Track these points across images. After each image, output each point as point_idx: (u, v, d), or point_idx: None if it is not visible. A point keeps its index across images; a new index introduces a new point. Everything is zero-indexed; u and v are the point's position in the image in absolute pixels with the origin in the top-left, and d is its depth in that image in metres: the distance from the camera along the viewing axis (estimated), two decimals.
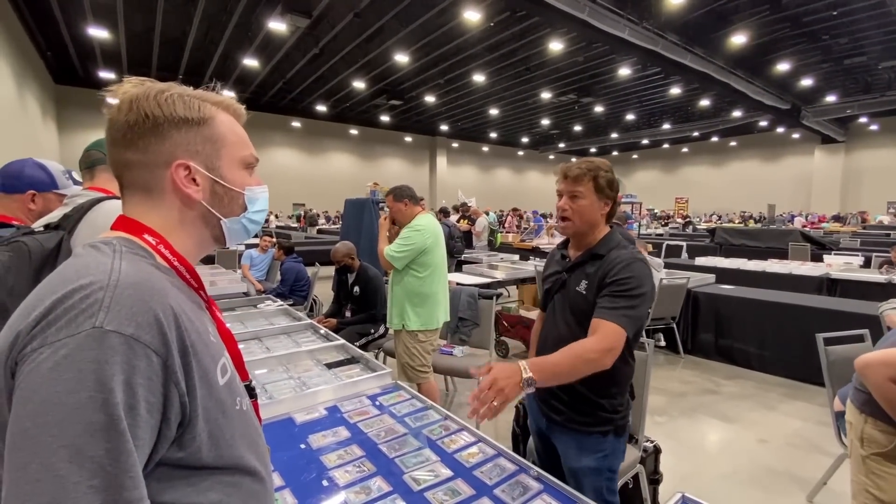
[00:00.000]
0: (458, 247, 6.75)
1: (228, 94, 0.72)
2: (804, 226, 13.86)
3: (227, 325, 0.72)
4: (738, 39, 11.31)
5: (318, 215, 18.19)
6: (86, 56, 14.08)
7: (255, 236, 5.94)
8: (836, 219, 16.10)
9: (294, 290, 4.99)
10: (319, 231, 15.30)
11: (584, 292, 1.42)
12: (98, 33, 11.55)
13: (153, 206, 0.64)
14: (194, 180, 0.64)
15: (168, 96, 0.62)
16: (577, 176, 1.43)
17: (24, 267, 1.03)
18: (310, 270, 5.27)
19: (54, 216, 1.26)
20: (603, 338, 1.30)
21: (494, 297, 3.52)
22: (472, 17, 10.38)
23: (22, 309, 0.50)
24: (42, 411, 0.43)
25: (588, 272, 1.44)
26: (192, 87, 0.66)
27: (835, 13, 10.42)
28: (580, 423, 1.45)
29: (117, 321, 0.47)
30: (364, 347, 3.57)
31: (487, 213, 11.17)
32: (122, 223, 0.63)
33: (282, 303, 3.32)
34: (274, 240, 6.00)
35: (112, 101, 0.61)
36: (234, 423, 0.60)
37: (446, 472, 1.27)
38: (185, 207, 0.65)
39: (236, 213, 0.69)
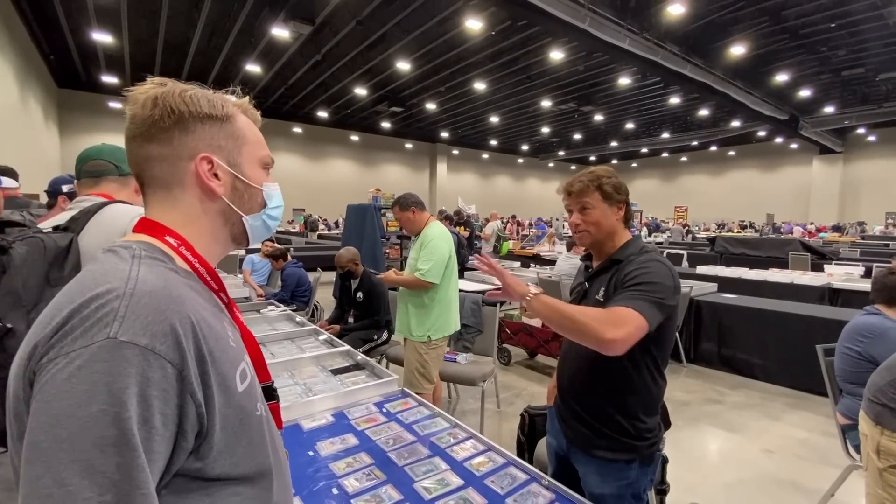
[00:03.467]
0: (464, 253, 6.76)
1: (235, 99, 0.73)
2: (803, 235, 13.89)
3: None
4: (738, 50, 11.40)
5: (319, 220, 18.17)
6: (89, 60, 14.10)
7: None
8: (836, 229, 16.14)
9: (295, 296, 4.96)
10: (320, 236, 15.29)
11: (602, 300, 1.34)
12: (102, 38, 11.56)
13: (174, 202, 0.63)
14: (216, 175, 0.64)
15: (192, 94, 0.63)
16: (581, 190, 1.39)
17: (38, 261, 1.07)
18: (311, 276, 5.24)
19: (61, 218, 1.29)
20: (611, 312, 1.17)
21: (498, 305, 3.52)
22: (474, 25, 10.44)
23: (42, 318, 0.50)
24: (55, 424, 0.42)
25: (606, 279, 1.38)
26: (210, 90, 0.67)
27: (833, 25, 10.53)
28: (603, 449, 1.35)
29: (132, 331, 0.46)
30: (367, 354, 3.54)
31: (488, 221, 11.19)
32: (143, 225, 0.63)
33: (285, 308, 3.31)
34: (275, 244, 5.97)
35: (134, 97, 0.61)
36: (253, 430, 0.59)
37: (457, 481, 1.26)
38: (207, 201, 0.65)
39: (256, 209, 0.69)
